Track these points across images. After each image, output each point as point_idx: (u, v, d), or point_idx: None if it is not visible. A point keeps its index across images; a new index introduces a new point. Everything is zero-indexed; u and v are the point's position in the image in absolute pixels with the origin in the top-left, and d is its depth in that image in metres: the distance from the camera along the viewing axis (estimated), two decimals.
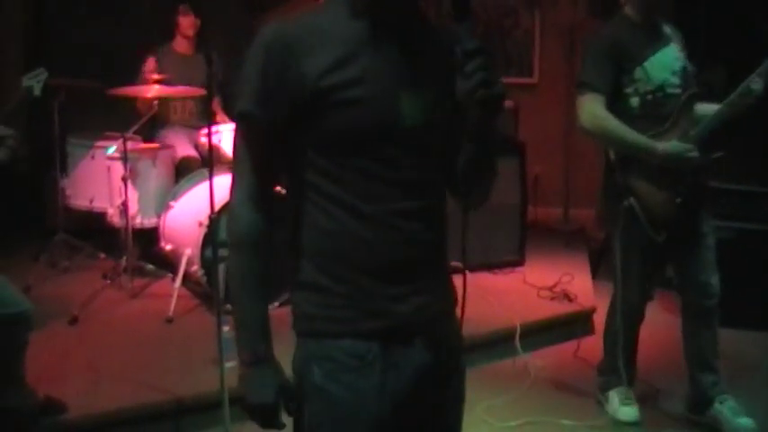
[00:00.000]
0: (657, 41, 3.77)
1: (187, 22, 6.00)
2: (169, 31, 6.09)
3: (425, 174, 1.88)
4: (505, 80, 1.92)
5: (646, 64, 3.69)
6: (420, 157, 1.86)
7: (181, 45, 6.09)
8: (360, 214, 1.83)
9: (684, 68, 3.79)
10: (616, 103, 3.73)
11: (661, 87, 3.70)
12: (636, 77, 3.70)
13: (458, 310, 2.02)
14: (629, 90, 3.72)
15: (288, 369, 1.93)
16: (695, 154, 3.69)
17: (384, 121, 1.80)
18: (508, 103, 6.12)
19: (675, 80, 3.75)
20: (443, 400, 2.01)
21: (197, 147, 5.86)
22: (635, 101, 3.72)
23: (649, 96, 3.71)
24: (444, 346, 1.98)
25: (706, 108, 3.73)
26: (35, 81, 3.19)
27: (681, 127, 3.71)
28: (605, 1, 7.02)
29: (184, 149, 5.82)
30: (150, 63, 5.74)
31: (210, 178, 3.48)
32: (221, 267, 4.37)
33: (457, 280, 1.96)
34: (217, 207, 4.55)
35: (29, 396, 3.51)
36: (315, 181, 1.84)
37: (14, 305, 3.30)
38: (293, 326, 1.95)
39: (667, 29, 3.85)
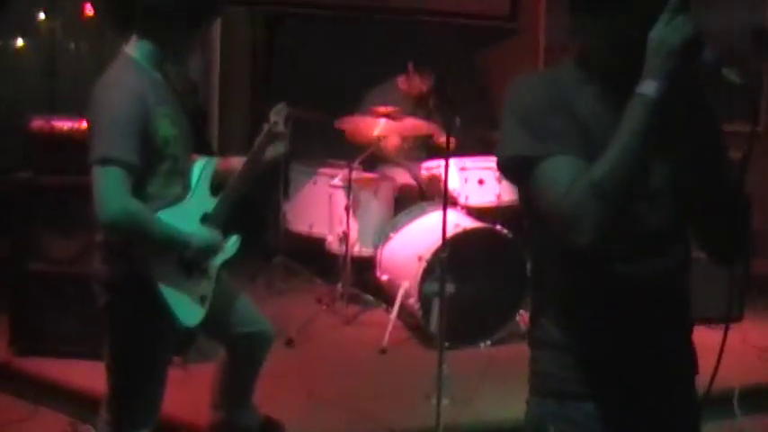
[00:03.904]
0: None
1: (411, 85, 6.09)
2: (396, 67, 6.18)
3: (672, 233, 1.85)
4: (728, 128, 1.88)
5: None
6: (666, 217, 1.82)
7: (405, 84, 6.15)
8: (608, 273, 1.80)
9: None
10: None
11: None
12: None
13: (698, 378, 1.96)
14: None
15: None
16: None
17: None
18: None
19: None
20: None
21: (415, 179, 5.93)
22: None
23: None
24: (683, 414, 1.94)
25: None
26: (280, 117, 3.31)
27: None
28: None
29: (402, 180, 5.91)
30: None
31: (444, 210, 3.50)
32: (437, 302, 4.41)
33: None
34: (437, 244, 4.61)
35: (254, 415, 3.61)
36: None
37: (258, 323, 3.41)
38: (530, 381, 1.95)
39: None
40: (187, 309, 2.94)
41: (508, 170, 1.84)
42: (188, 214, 2.94)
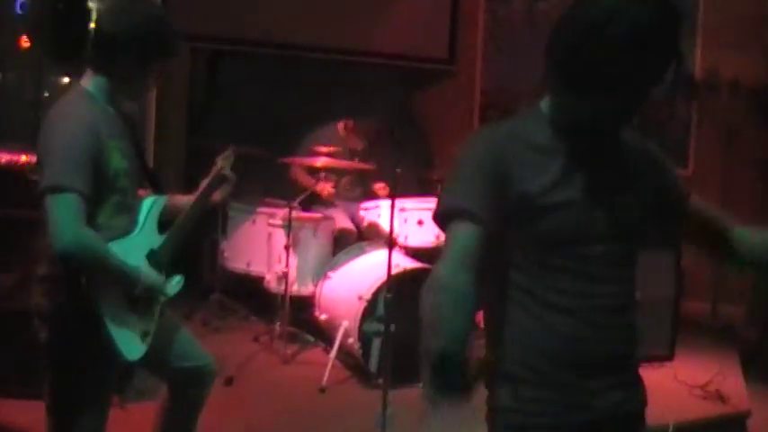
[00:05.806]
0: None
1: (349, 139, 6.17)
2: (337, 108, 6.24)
3: (624, 271, 1.95)
4: None
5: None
6: (620, 256, 1.92)
7: (343, 132, 6.24)
8: (563, 310, 1.87)
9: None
10: None
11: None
12: None
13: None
14: None
15: None
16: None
17: (586, 224, 1.86)
18: None
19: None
20: None
21: (353, 219, 5.96)
22: None
23: None
24: None
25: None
26: (227, 162, 3.35)
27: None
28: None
29: (341, 221, 5.92)
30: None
31: (390, 252, 3.54)
32: (377, 341, 4.43)
33: None
34: (377, 284, 4.64)
35: None
36: (516, 279, 1.90)
37: (200, 358, 3.38)
38: (487, 418, 1.97)
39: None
40: (130, 343, 2.90)
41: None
42: (135, 248, 2.92)
